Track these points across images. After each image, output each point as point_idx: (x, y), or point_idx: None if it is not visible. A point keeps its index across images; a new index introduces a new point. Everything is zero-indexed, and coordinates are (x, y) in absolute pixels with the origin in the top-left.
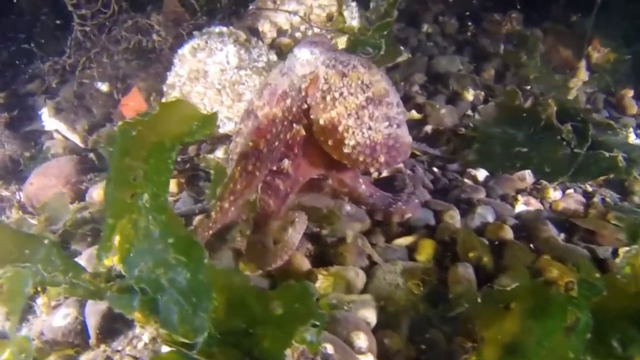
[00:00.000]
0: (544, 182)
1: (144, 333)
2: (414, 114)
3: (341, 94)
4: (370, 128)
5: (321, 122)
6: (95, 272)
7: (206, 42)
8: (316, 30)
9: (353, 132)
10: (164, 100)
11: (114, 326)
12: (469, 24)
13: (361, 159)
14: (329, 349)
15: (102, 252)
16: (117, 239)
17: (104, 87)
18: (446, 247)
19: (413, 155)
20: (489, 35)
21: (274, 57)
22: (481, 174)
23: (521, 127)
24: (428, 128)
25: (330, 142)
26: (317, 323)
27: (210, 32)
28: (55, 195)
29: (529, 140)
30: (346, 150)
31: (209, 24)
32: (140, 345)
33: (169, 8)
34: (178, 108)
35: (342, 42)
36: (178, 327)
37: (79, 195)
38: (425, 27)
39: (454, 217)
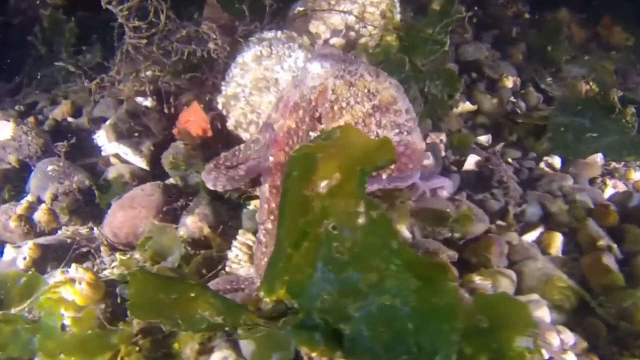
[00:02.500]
0: (613, 164)
1: None
2: (469, 106)
3: (348, 103)
4: (378, 136)
5: None
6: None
7: (271, 49)
8: (370, 28)
9: None
10: (230, 112)
11: None
12: (476, 8)
13: None
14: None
15: (271, 286)
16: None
17: (148, 102)
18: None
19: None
20: (498, 20)
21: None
22: (556, 161)
23: (586, 114)
24: (483, 119)
25: None
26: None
27: (267, 38)
28: (158, 228)
29: (596, 125)
30: None
31: (261, 29)
32: None
33: (211, 15)
34: (350, 134)
35: (391, 38)
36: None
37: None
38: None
39: (561, 208)
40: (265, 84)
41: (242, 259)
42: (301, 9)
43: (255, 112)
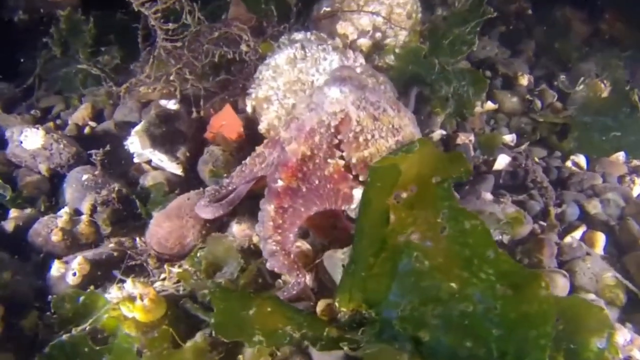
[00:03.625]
0: (634, 162)
1: None
2: (490, 105)
3: (373, 136)
4: None
5: (354, 160)
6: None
7: (305, 51)
8: (397, 29)
9: None
10: (262, 115)
11: None
12: None
13: None
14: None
15: (349, 295)
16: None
17: (173, 105)
18: None
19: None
20: (504, 16)
21: (363, 60)
22: (582, 160)
23: (608, 113)
24: (502, 117)
25: (361, 178)
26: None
27: (298, 40)
28: (213, 238)
29: (618, 124)
30: None
31: (289, 30)
32: None
33: (237, 15)
34: (426, 147)
35: (416, 39)
36: None
37: None
38: (440, 11)
39: (597, 207)
40: (300, 87)
41: None
42: (327, 9)
43: (292, 114)
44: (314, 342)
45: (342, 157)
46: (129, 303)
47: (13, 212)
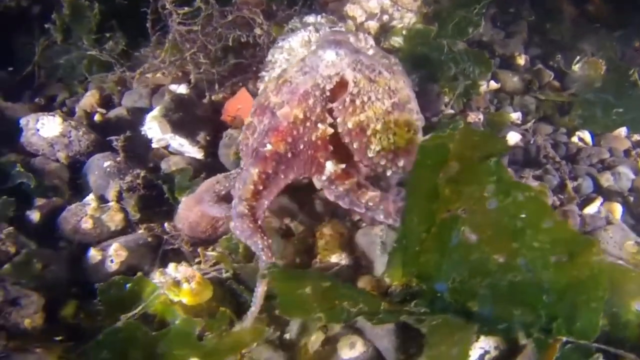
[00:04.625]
0: (635, 137)
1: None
2: (494, 85)
3: (369, 98)
4: (395, 134)
5: (349, 125)
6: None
7: (319, 34)
8: (404, 12)
9: (380, 137)
10: None
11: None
12: None
13: (382, 162)
14: None
15: (400, 270)
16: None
17: (183, 89)
18: None
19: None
20: None
21: (373, 42)
22: (587, 135)
23: (608, 91)
24: (504, 96)
25: (355, 145)
26: None
27: (310, 22)
28: None
29: (619, 101)
30: (371, 154)
31: (299, 13)
32: None
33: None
34: (468, 126)
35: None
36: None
37: None
38: None
39: (609, 180)
40: None
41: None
42: None
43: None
44: (370, 317)
45: (331, 125)
46: (174, 288)
47: (38, 201)
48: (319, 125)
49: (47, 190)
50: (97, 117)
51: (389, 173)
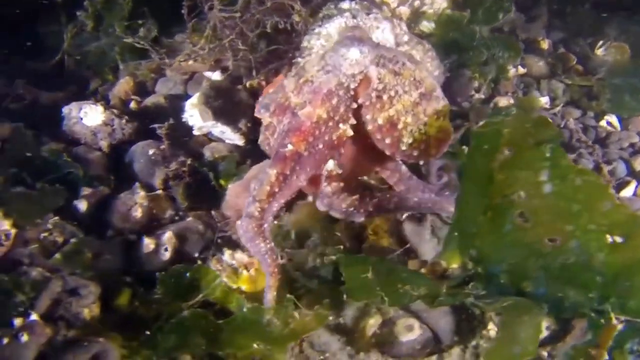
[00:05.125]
0: None
1: None
2: (521, 69)
3: (397, 92)
4: (425, 124)
5: (380, 121)
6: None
7: (356, 20)
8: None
9: (411, 130)
10: None
11: (466, 326)
12: None
13: (415, 154)
14: None
15: (456, 253)
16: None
17: (218, 76)
18: None
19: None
20: None
21: (406, 28)
22: (615, 119)
23: (635, 75)
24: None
25: (388, 141)
26: None
27: (346, 9)
28: (299, 207)
29: None
30: (403, 147)
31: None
32: None
33: None
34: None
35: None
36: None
37: None
38: None
39: None
40: None
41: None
42: None
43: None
44: (430, 300)
45: (357, 124)
46: (233, 275)
47: (84, 191)
48: (341, 125)
49: (91, 179)
50: (132, 105)
51: (421, 162)
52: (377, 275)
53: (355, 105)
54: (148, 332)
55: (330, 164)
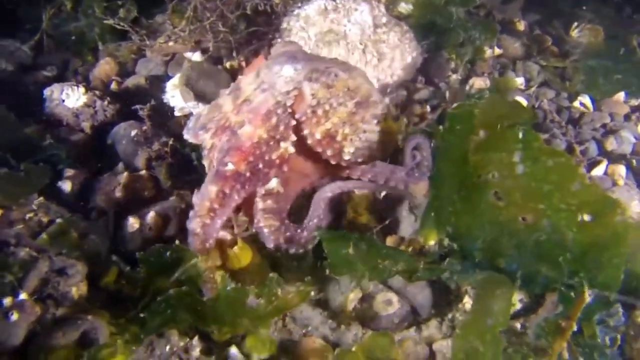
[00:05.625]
0: (633, 101)
1: None
2: (497, 50)
3: (331, 105)
4: (365, 131)
5: (317, 135)
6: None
7: (335, 2)
8: None
9: (351, 139)
10: None
11: (443, 300)
12: None
13: (361, 159)
14: None
15: (432, 230)
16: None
17: (198, 57)
18: None
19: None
20: None
21: (384, 9)
22: (588, 100)
23: (608, 57)
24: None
25: (329, 153)
26: None
27: None
28: None
29: (619, 67)
30: (346, 157)
31: None
32: None
33: None
34: (493, 97)
35: None
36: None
37: None
38: None
39: (613, 143)
40: (334, 37)
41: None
42: None
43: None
44: (409, 275)
45: (298, 139)
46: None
47: (67, 172)
48: (281, 143)
49: (74, 160)
50: (113, 86)
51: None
52: (358, 251)
53: (294, 122)
54: (135, 310)
55: (273, 182)
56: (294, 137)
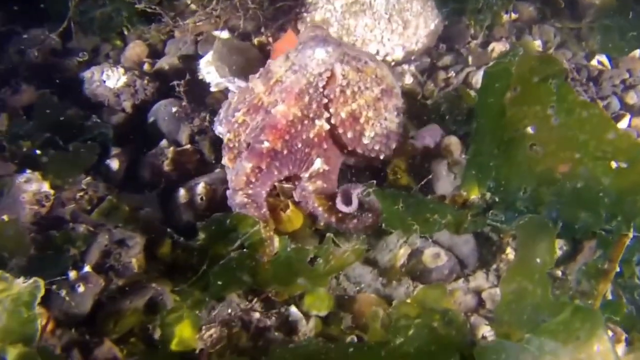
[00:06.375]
0: None
1: None
2: (512, 15)
3: (359, 88)
4: (386, 119)
5: (343, 115)
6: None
7: None
8: None
9: (372, 124)
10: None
11: (487, 252)
12: None
13: (377, 147)
14: None
15: (474, 184)
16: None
17: (225, 35)
18: None
19: None
20: None
21: None
22: (605, 59)
23: (622, 16)
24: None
25: (350, 135)
26: None
27: None
28: None
29: (633, 25)
30: (365, 140)
31: None
32: None
33: None
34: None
35: None
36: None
37: None
38: None
39: (634, 98)
40: (360, 8)
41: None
42: None
43: (353, 34)
44: (457, 228)
45: (328, 119)
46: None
47: (114, 150)
48: (316, 121)
49: (119, 139)
50: (146, 67)
51: (382, 157)
52: (407, 207)
53: (326, 101)
54: (195, 277)
55: (318, 163)
56: (327, 114)
